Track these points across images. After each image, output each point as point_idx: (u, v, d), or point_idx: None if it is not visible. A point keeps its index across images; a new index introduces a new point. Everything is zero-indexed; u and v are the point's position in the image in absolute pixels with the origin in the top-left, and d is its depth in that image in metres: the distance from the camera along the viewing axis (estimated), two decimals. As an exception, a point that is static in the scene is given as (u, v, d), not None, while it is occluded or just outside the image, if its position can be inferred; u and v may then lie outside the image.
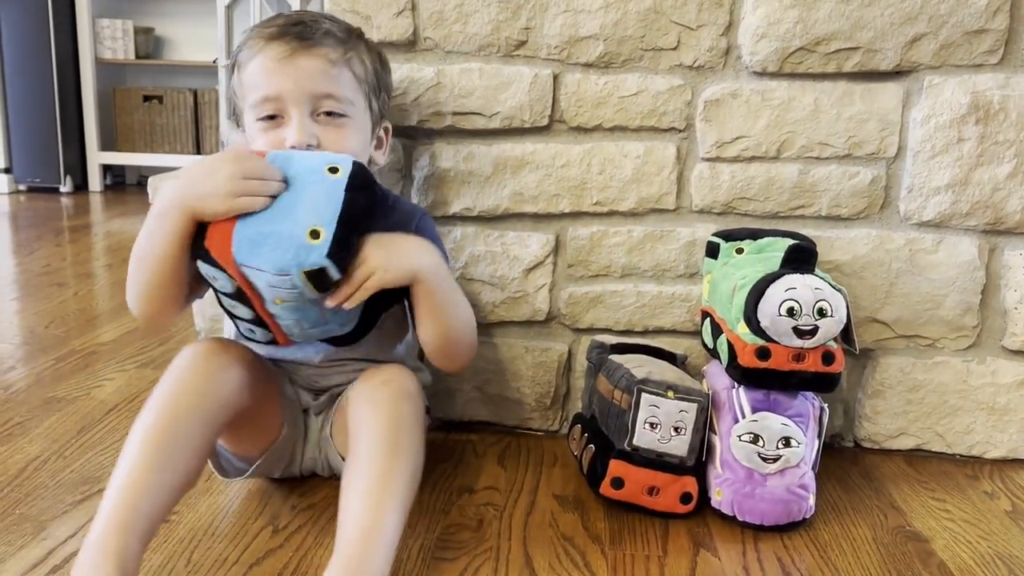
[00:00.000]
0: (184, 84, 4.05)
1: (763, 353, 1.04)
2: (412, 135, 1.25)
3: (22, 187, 3.89)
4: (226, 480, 1.12)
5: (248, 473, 1.09)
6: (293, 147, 0.96)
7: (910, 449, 1.30)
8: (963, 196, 1.21)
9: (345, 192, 0.87)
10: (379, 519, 0.85)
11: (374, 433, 0.92)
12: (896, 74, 1.19)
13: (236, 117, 1.07)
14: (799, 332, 1.03)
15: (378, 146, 1.09)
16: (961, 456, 1.30)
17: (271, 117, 0.98)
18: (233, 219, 0.86)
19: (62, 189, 3.86)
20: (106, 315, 1.96)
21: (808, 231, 1.22)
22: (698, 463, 1.08)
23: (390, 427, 0.92)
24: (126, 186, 4.24)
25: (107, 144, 4.00)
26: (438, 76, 1.22)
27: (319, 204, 0.86)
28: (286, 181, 0.87)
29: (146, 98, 3.95)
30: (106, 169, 4.08)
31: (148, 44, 4.04)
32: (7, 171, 3.83)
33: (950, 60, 1.18)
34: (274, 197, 0.86)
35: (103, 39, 3.90)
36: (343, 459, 1.06)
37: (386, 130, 1.11)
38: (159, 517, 0.86)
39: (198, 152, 3.93)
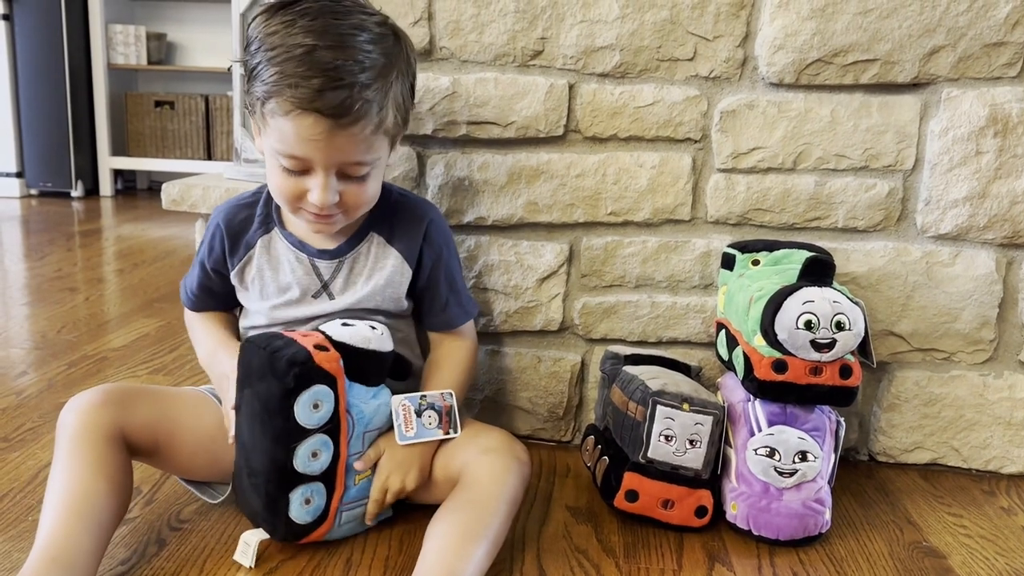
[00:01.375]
0: (196, 90, 4.06)
1: (780, 366, 1.04)
2: (427, 144, 1.25)
3: (33, 191, 3.90)
4: (214, 503, 1.10)
5: (225, 496, 1.08)
6: (314, 204, 0.97)
7: (926, 463, 1.29)
8: (981, 209, 1.20)
9: None
10: (462, 565, 0.88)
11: (476, 486, 0.97)
12: (914, 86, 1.19)
13: (247, 105, 1.03)
14: (817, 345, 1.02)
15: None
16: (977, 471, 1.29)
17: (296, 171, 0.97)
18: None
19: (73, 194, 3.87)
20: (117, 320, 1.96)
21: (824, 243, 1.21)
22: (713, 476, 1.07)
23: (493, 483, 0.97)
24: (137, 191, 4.26)
25: (118, 149, 4.02)
26: (454, 85, 1.21)
27: None
28: None
29: (158, 103, 3.97)
30: (117, 174, 4.09)
31: (160, 50, 4.05)
32: (19, 175, 3.84)
33: (968, 73, 1.17)
34: None
35: (116, 44, 3.91)
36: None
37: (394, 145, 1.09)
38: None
39: (209, 158, 3.94)
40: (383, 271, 1.08)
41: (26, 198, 3.84)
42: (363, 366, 0.98)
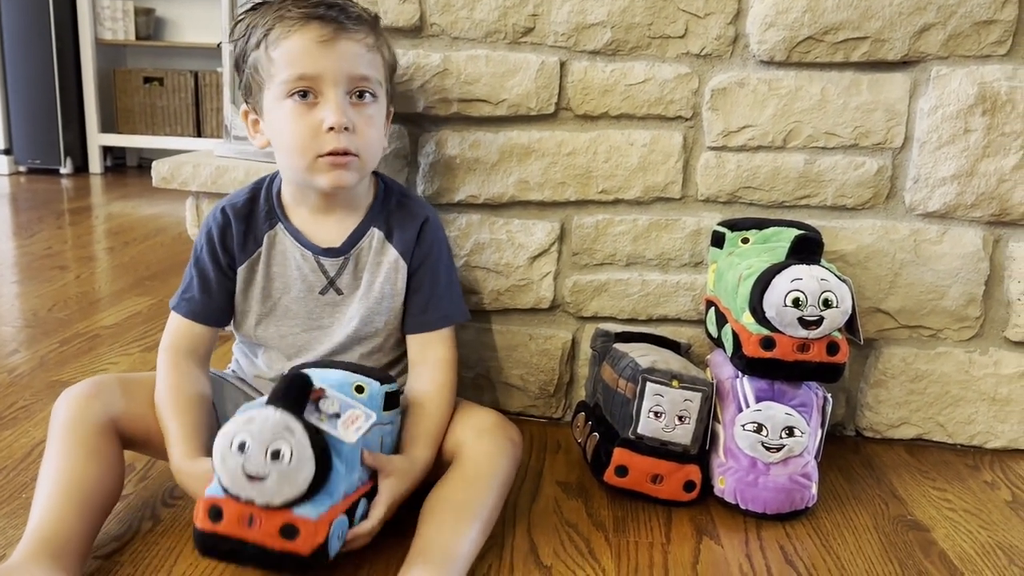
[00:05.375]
0: (185, 66, 4.02)
1: (768, 343, 1.05)
2: (418, 122, 1.25)
3: (22, 168, 3.87)
4: None
5: None
6: (331, 128, 0.98)
7: (911, 439, 1.31)
8: (969, 187, 1.21)
9: None
10: (457, 543, 0.90)
11: (471, 466, 0.98)
12: (903, 64, 1.19)
13: (245, 90, 1.06)
14: (804, 323, 1.03)
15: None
16: (962, 446, 1.31)
17: (304, 95, 0.98)
18: None
19: (62, 171, 3.85)
20: (108, 298, 1.96)
21: (813, 221, 1.22)
22: (701, 452, 1.09)
23: (487, 464, 0.98)
24: (127, 168, 4.23)
25: (107, 126, 3.99)
26: (444, 62, 1.21)
27: None
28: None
29: (147, 80, 3.93)
30: (106, 151, 4.06)
31: (149, 25, 4.01)
32: (7, 152, 3.81)
33: (958, 51, 1.17)
34: None
35: (103, 20, 3.87)
36: None
37: (389, 113, 1.11)
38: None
39: (199, 135, 3.91)
40: (383, 266, 1.09)
41: (15, 175, 3.81)
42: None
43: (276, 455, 0.78)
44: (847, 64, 1.19)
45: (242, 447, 0.78)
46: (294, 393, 0.81)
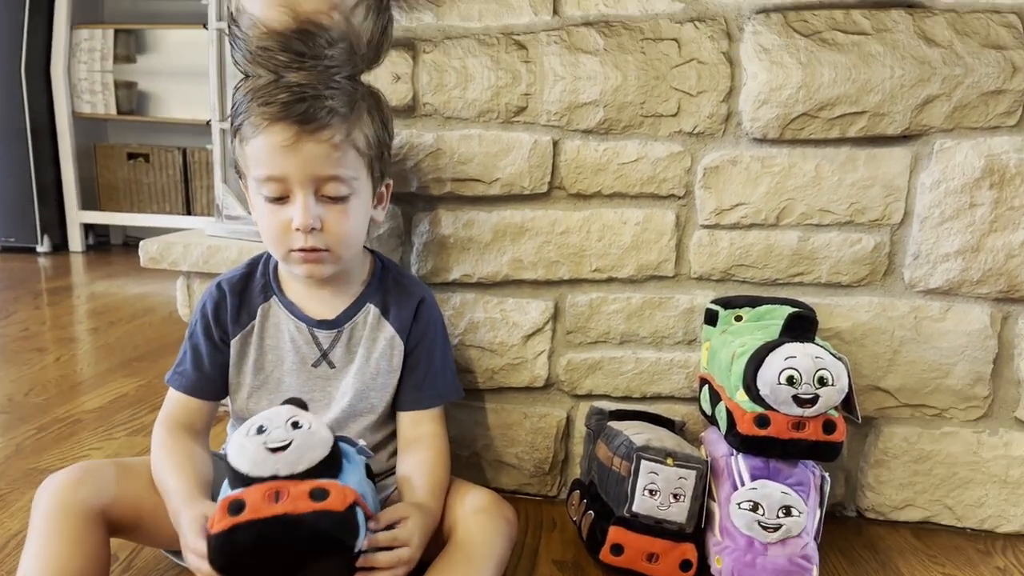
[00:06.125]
0: (172, 142, 4.09)
1: (762, 421, 1.12)
2: (411, 201, 1.36)
3: (-4, 246, 3.95)
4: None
5: None
6: (298, 229, 1.06)
7: (918, 521, 1.37)
8: (974, 263, 1.27)
9: None
10: None
11: (468, 545, 1.04)
12: (904, 138, 1.25)
13: (237, 167, 1.15)
14: (799, 401, 1.11)
15: (378, 202, 1.18)
16: (972, 530, 1.36)
17: (277, 198, 1.07)
18: None
19: (39, 249, 3.93)
20: (91, 381, 2.00)
21: (807, 298, 1.30)
22: (697, 530, 1.16)
23: (484, 543, 1.05)
24: (111, 246, 4.31)
25: (89, 202, 4.06)
26: (437, 142, 1.32)
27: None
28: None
29: (131, 155, 4.01)
30: (88, 228, 4.13)
31: (131, 99, 4.08)
32: (-22, 230, 3.89)
33: (964, 122, 1.23)
34: None
35: (80, 92, 3.95)
36: None
37: (387, 186, 1.20)
38: None
39: (188, 212, 3.98)
40: (379, 342, 1.18)
41: (-11, 254, 3.88)
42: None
43: (296, 424, 0.88)
44: (843, 139, 1.26)
45: (260, 429, 0.87)
46: (295, 404, 0.92)
